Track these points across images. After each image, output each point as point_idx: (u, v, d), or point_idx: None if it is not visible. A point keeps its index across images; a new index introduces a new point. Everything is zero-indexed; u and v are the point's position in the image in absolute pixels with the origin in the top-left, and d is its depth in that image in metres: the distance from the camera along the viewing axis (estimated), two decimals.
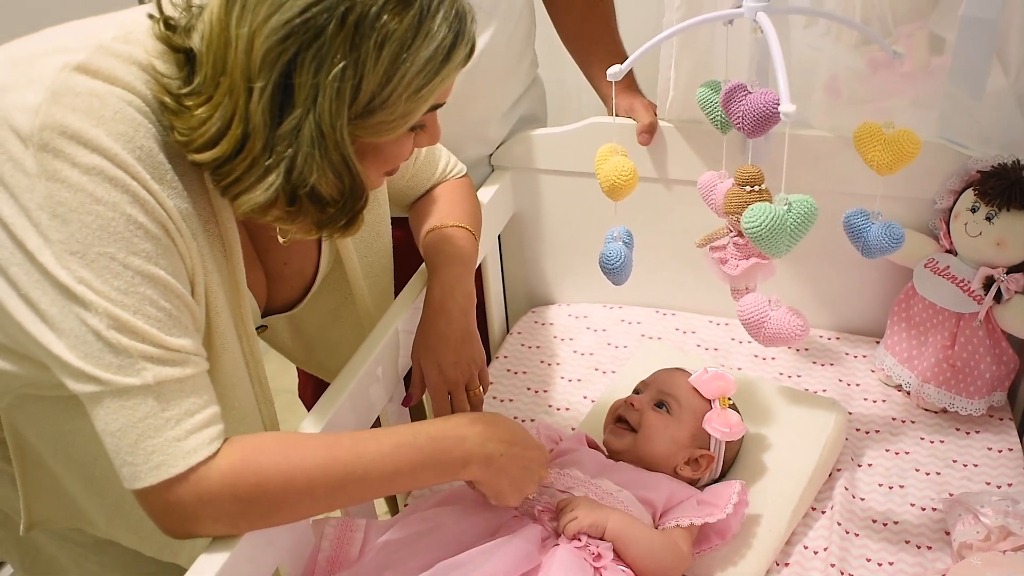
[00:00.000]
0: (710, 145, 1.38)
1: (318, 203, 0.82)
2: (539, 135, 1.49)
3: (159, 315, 0.79)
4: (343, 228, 0.87)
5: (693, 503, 1.05)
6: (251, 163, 0.79)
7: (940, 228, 1.30)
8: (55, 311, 0.77)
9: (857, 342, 1.45)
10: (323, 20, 0.74)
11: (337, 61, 0.75)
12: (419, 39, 0.78)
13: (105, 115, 0.77)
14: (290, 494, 0.84)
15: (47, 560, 1.15)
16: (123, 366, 0.77)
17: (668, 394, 1.13)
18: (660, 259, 1.51)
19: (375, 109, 0.79)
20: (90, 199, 0.75)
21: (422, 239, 1.20)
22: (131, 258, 0.77)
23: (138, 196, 0.77)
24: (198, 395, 0.82)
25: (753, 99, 0.99)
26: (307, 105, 0.77)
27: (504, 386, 1.43)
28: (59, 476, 1.01)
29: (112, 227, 0.76)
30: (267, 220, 0.84)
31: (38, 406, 0.95)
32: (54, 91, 0.76)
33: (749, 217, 0.90)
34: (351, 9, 0.75)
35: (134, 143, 0.78)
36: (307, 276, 1.11)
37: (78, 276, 0.76)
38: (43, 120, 0.75)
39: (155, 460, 0.79)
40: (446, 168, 1.26)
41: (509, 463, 0.96)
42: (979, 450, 1.23)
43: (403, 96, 0.80)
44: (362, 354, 1.09)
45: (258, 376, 0.99)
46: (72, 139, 0.75)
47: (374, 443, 0.90)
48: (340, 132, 0.78)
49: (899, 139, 0.99)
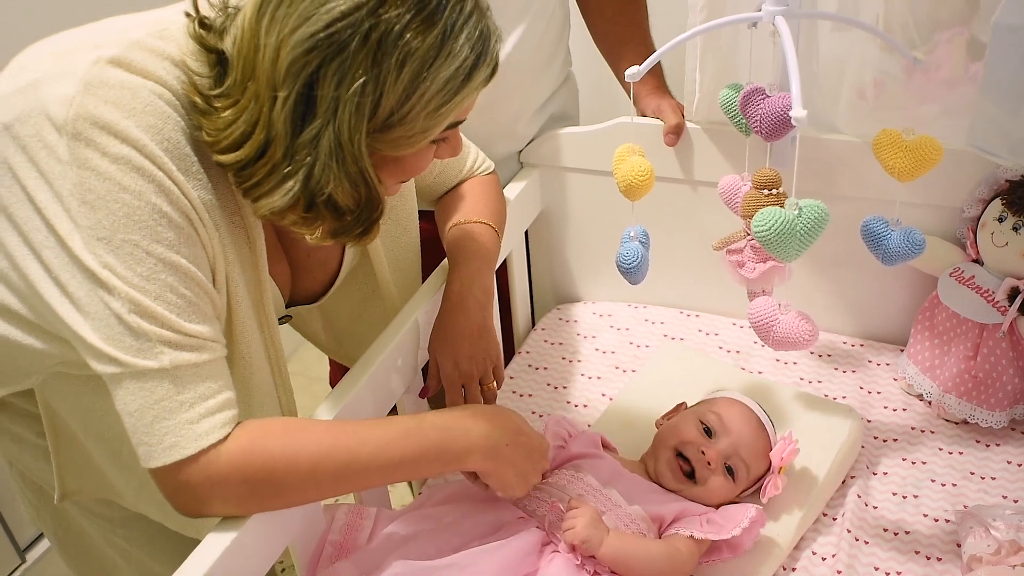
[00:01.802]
0: (736, 147, 1.38)
1: (335, 211, 0.84)
2: (567, 134, 1.50)
3: (179, 301, 0.82)
4: (358, 236, 0.88)
5: (703, 520, 1.05)
6: (271, 168, 0.81)
7: (967, 237, 1.28)
8: (82, 294, 0.80)
9: (881, 350, 1.44)
10: (347, 36, 0.76)
11: (358, 76, 0.77)
12: (441, 59, 0.80)
13: (136, 107, 0.80)
14: (295, 477, 0.87)
15: (78, 532, 1.20)
16: (142, 349, 0.81)
17: (742, 460, 1.09)
18: (686, 260, 1.51)
19: (394, 124, 0.81)
20: (118, 187, 0.79)
21: (445, 234, 1.22)
22: (154, 246, 0.80)
23: (163, 186, 0.80)
24: (213, 380, 0.84)
25: (770, 103, 0.99)
26: (327, 117, 0.78)
27: (525, 381, 1.45)
28: (90, 451, 1.05)
29: (137, 215, 0.79)
30: (284, 224, 0.86)
31: (69, 384, 0.99)
32: (88, 82, 0.79)
33: (759, 221, 0.90)
34: (375, 27, 0.76)
35: (162, 135, 0.81)
36: (331, 268, 1.13)
37: (103, 261, 0.79)
38: (76, 110, 0.78)
39: (168, 441, 0.82)
40: (474, 165, 1.27)
41: (514, 453, 0.97)
42: (998, 463, 1.21)
43: (422, 113, 0.81)
44: (380, 344, 1.12)
45: (278, 364, 1.01)
46: (103, 129, 0.78)
47: (379, 431, 0.92)
48: (358, 145, 0.80)
49: (919, 145, 0.98)
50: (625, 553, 0.98)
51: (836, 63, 1.29)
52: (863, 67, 1.27)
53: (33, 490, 1.17)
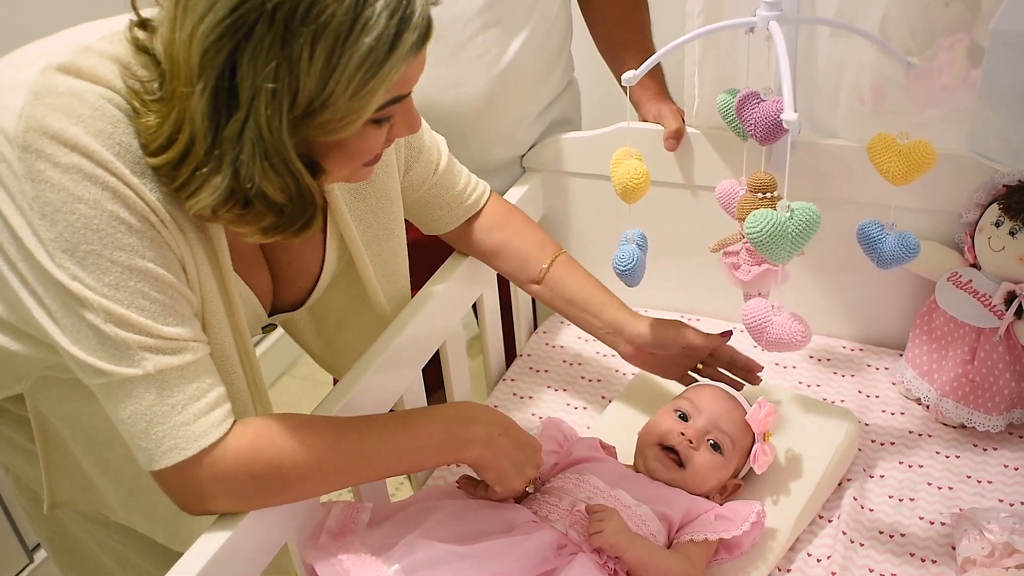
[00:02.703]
0: (736, 152, 1.39)
1: (270, 206, 0.80)
2: (569, 139, 1.51)
3: (152, 306, 0.81)
4: (298, 231, 0.84)
5: (711, 517, 1.06)
6: (196, 165, 0.78)
7: (965, 242, 1.29)
8: (57, 307, 0.80)
9: (880, 354, 1.44)
10: (252, 18, 0.71)
11: (269, 61, 0.72)
12: (356, 30, 0.73)
13: (84, 113, 0.78)
14: (302, 471, 0.88)
15: (73, 539, 1.19)
16: (124, 358, 0.80)
17: (723, 432, 1.11)
18: (686, 264, 1.52)
19: (317, 109, 0.75)
20: (72, 198, 0.77)
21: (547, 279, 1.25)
22: (117, 253, 0.79)
23: (118, 192, 0.79)
24: (200, 380, 0.84)
25: (764, 107, 1.01)
26: (247, 107, 0.74)
27: (526, 383, 1.46)
28: (78, 458, 1.05)
29: (95, 224, 0.78)
30: (219, 222, 0.84)
31: (58, 388, 0.99)
32: (36, 92, 0.78)
33: (751, 223, 0.92)
34: (280, 5, 0.71)
35: (113, 139, 0.79)
36: (313, 276, 1.10)
37: (71, 273, 0.78)
38: (26, 121, 0.77)
39: (167, 444, 0.82)
40: (468, 184, 1.23)
41: (508, 444, 1.00)
42: (995, 467, 1.22)
43: (345, 93, 0.75)
44: (372, 353, 1.11)
45: (250, 366, 0.98)
46: (53, 139, 0.77)
47: (381, 423, 0.94)
48: (279, 136, 0.75)
49: (913, 150, 0.99)
50: (649, 562, 0.99)
51: (835, 68, 1.30)
52: (861, 72, 1.28)
53: (27, 496, 1.17)
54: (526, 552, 0.96)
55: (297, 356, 2.50)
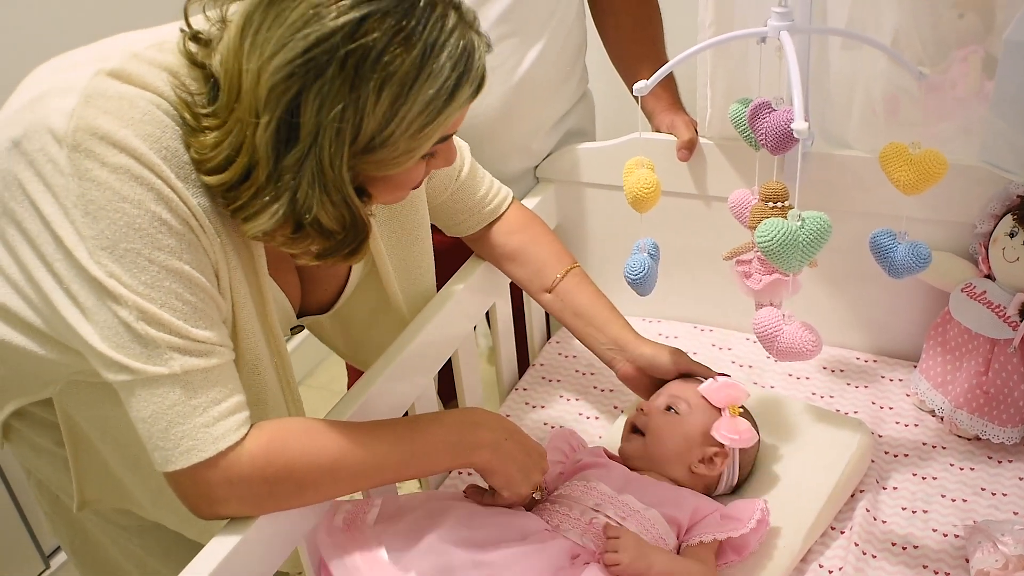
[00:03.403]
0: (749, 163, 1.38)
1: (322, 232, 0.84)
2: (583, 149, 1.52)
3: (184, 308, 0.83)
4: (347, 256, 0.89)
5: (716, 517, 1.06)
6: (256, 192, 0.82)
7: (979, 253, 1.28)
8: (91, 303, 0.82)
9: (895, 366, 1.44)
10: (324, 61, 0.76)
11: (337, 102, 0.77)
12: (421, 79, 0.79)
13: (134, 117, 0.81)
14: (315, 476, 0.89)
15: (94, 542, 1.21)
16: (152, 356, 0.82)
17: (677, 396, 1.14)
18: (700, 275, 1.53)
19: (376, 147, 0.81)
20: (117, 197, 0.80)
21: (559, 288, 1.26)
22: (156, 253, 0.82)
23: (162, 194, 0.82)
24: (223, 384, 0.86)
25: (775, 117, 1.01)
26: (308, 142, 0.78)
27: (538, 392, 1.46)
28: (107, 459, 1.07)
29: (137, 224, 0.81)
30: (275, 244, 0.87)
31: (86, 392, 1.01)
32: (87, 95, 0.81)
33: (762, 232, 0.92)
34: (352, 52, 0.76)
35: (160, 143, 0.82)
36: (341, 278, 1.15)
37: (109, 271, 0.81)
38: (76, 122, 0.80)
39: (185, 445, 0.84)
40: (489, 190, 1.26)
41: (514, 448, 1.01)
42: (1010, 479, 1.21)
43: (404, 135, 0.81)
44: (383, 360, 1.13)
45: (284, 370, 1.02)
46: (102, 139, 0.80)
47: (391, 427, 0.96)
48: (339, 171, 0.80)
49: (924, 159, 0.99)
50: (677, 569, 1.00)
51: (847, 80, 1.30)
52: (874, 83, 1.28)
53: (49, 500, 1.19)
54: (541, 560, 0.97)
55: (313, 366, 2.51)
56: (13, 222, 0.85)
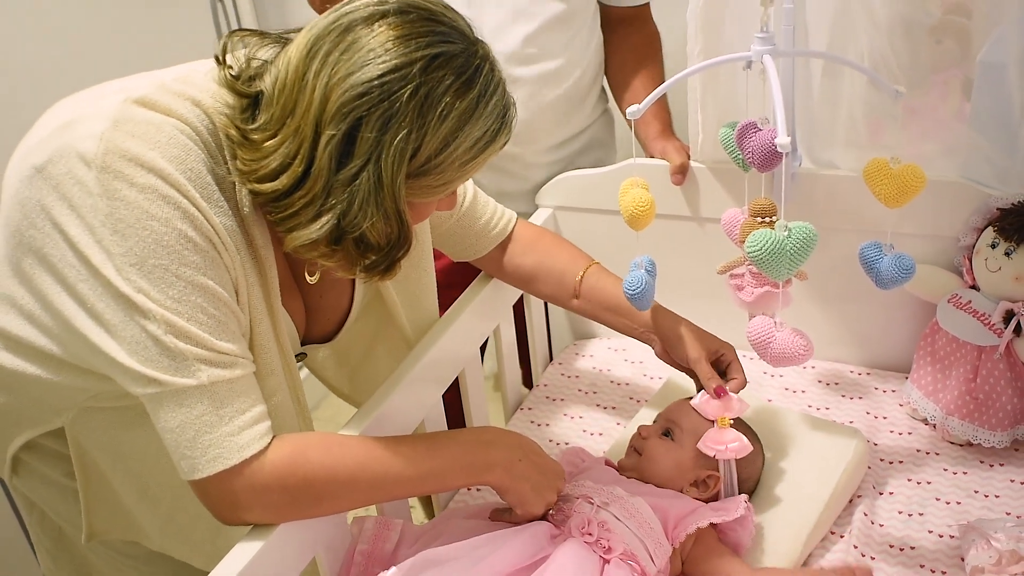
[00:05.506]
0: (739, 185, 1.44)
1: (361, 247, 0.89)
2: (579, 175, 1.58)
3: (209, 321, 0.87)
4: (382, 272, 0.94)
5: (705, 509, 1.10)
6: (310, 200, 0.86)
7: (964, 264, 1.33)
8: (117, 320, 0.86)
9: (887, 377, 1.48)
10: (398, 87, 0.83)
11: (404, 125, 0.84)
12: (475, 119, 0.87)
13: (160, 140, 0.86)
14: (334, 488, 0.93)
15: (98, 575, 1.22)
16: (180, 368, 0.86)
17: (672, 421, 1.18)
18: (696, 295, 1.56)
19: (427, 172, 0.88)
20: (146, 215, 0.84)
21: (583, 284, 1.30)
22: (183, 269, 0.86)
23: (188, 212, 0.86)
24: (247, 395, 0.90)
25: (761, 136, 1.06)
26: (366, 157, 0.84)
27: (542, 411, 1.50)
28: (117, 488, 1.09)
29: (165, 241, 0.85)
30: (312, 256, 0.91)
31: (98, 418, 1.04)
32: (116, 120, 0.86)
33: (751, 242, 0.97)
34: (424, 84, 0.84)
35: (185, 164, 0.87)
36: (343, 309, 1.18)
37: (137, 286, 0.84)
38: (106, 144, 0.84)
39: (212, 453, 0.87)
40: (494, 214, 1.30)
41: (528, 468, 1.03)
42: (1001, 482, 1.25)
43: (453, 165, 0.89)
44: (391, 381, 1.16)
45: (295, 388, 1.05)
46: (131, 161, 0.84)
47: (409, 445, 0.99)
48: (399, 185, 0.86)
49: (904, 174, 1.04)
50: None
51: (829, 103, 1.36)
52: (855, 106, 1.34)
53: (52, 536, 1.20)
54: (522, 540, 1.00)
55: (319, 400, 2.54)
56: (31, 251, 0.89)
